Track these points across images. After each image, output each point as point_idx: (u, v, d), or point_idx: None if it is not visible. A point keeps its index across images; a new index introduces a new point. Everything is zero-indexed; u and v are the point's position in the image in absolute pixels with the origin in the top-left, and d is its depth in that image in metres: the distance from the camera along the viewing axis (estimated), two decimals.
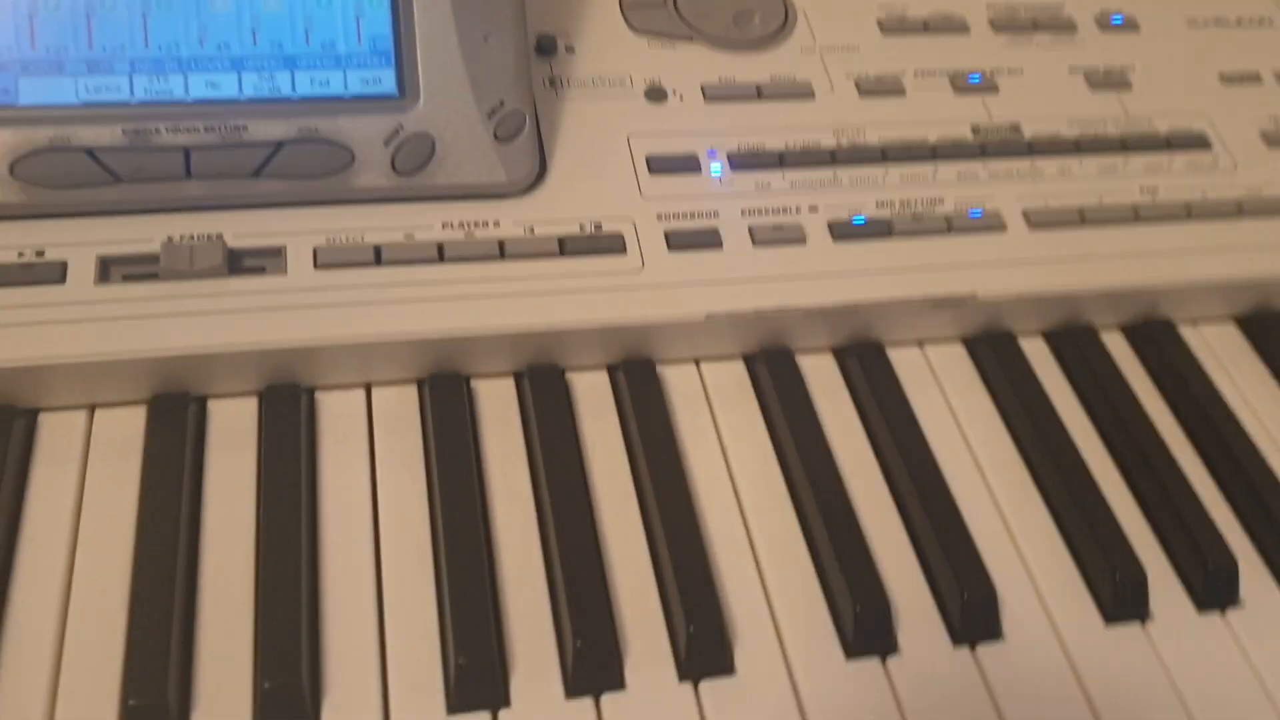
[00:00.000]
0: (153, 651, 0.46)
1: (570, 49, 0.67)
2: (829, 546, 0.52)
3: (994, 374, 0.61)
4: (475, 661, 0.47)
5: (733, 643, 0.50)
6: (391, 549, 0.51)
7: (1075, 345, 0.63)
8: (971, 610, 0.51)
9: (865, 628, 0.50)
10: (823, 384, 0.61)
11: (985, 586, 0.51)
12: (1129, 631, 0.52)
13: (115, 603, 0.48)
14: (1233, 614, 0.54)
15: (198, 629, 0.48)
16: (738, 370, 0.61)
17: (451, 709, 0.47)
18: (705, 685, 0.49)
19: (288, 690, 0.46)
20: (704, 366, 0.61)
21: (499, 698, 0.47)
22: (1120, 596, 0.52)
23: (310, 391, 0.57)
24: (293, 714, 0.46)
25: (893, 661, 0.50)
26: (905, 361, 0.62)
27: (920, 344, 0.63)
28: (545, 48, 0.66)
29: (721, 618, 0.49)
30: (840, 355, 0.62)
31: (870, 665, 0.50)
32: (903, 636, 0.51)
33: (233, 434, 0.55)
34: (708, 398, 0.59)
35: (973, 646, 0.51)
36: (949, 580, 0.52)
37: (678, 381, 0.60)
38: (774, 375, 0.59)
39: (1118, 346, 0.65)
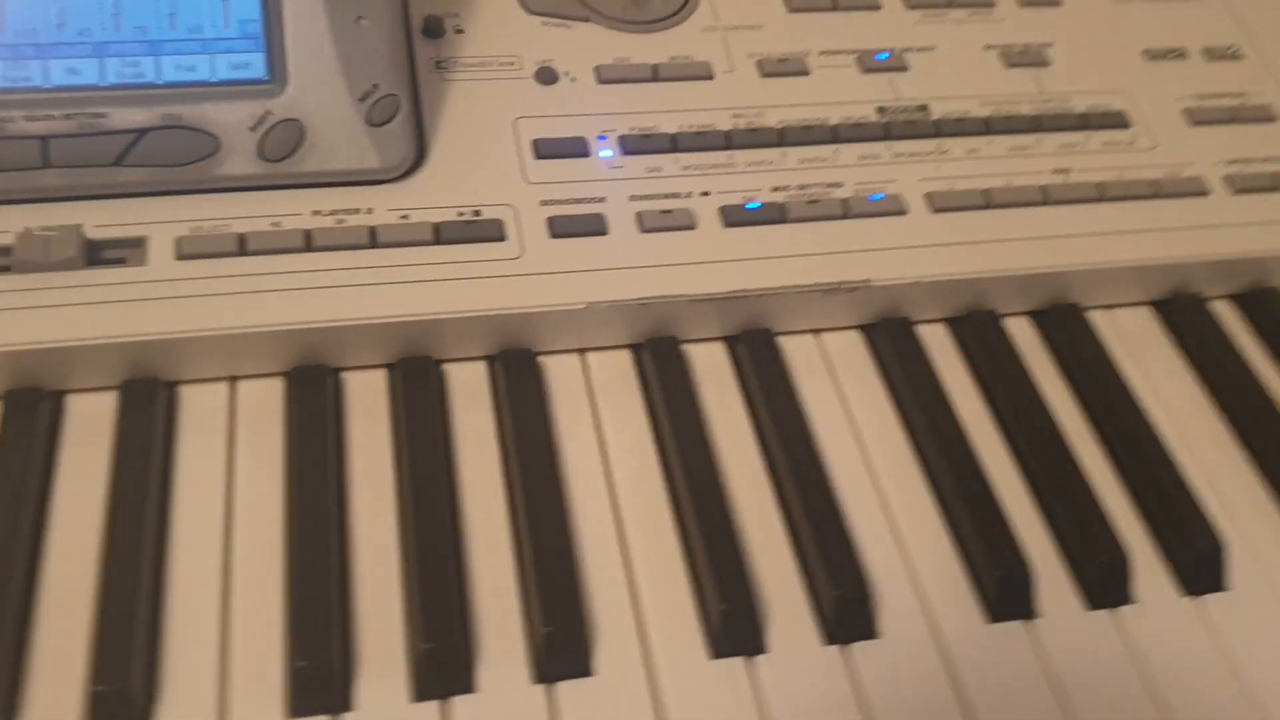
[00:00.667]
0: None
1: (460, 30, 0.65)
2: (701, 543, 0.51)
3: (889, 362, 0.60)
4: (316, 664, 0.45)
5: (594, 643, 0.48)
6: (243, 549, 0.50)
7: (977, 332, 0.62)
8: (843, 608, 0.49)
9: (731, 626, 0.48)
10: (711, 374, 0.59)
11: (860, 582, 0.50)
12: (1011, 629, 0.50)
13: None
14: (1126, 611, 0.52)
15: (34, 627, 0.46)
16: (623, 360, 0.59)
17: (291, 713, 0.45)
18: (562, 687, 0.47)
19: (119, 695, 0.44)
20: (589, 357, 0.59)
21: (340, 701, 0.46)
22: (1004, 594, 0.51)
23: (171, 386, 0.55)
24: (123, 718, 0.44)
25: (761, 660, 0.48)
26: (798, 350, 0.61)
27: (816, 332, 0.61)
28: (433, 29, 0.65)
29: (579, 616, 0.48)
30: (731, 344, 0.60)
31: (736, 665, 0.48)
32: (773, 635, 0.49)
33: (89, 430, 0.53)
34: (590, 389, 0.58)
35: (845, 644, 0.49)
36: (822, 577, 0.50)
37: (560, 372, 0.58)
38: (658, 365, 0.58)
39: (1023, 333, 0.63)
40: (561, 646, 0.47)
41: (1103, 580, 0.52)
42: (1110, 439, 0.58)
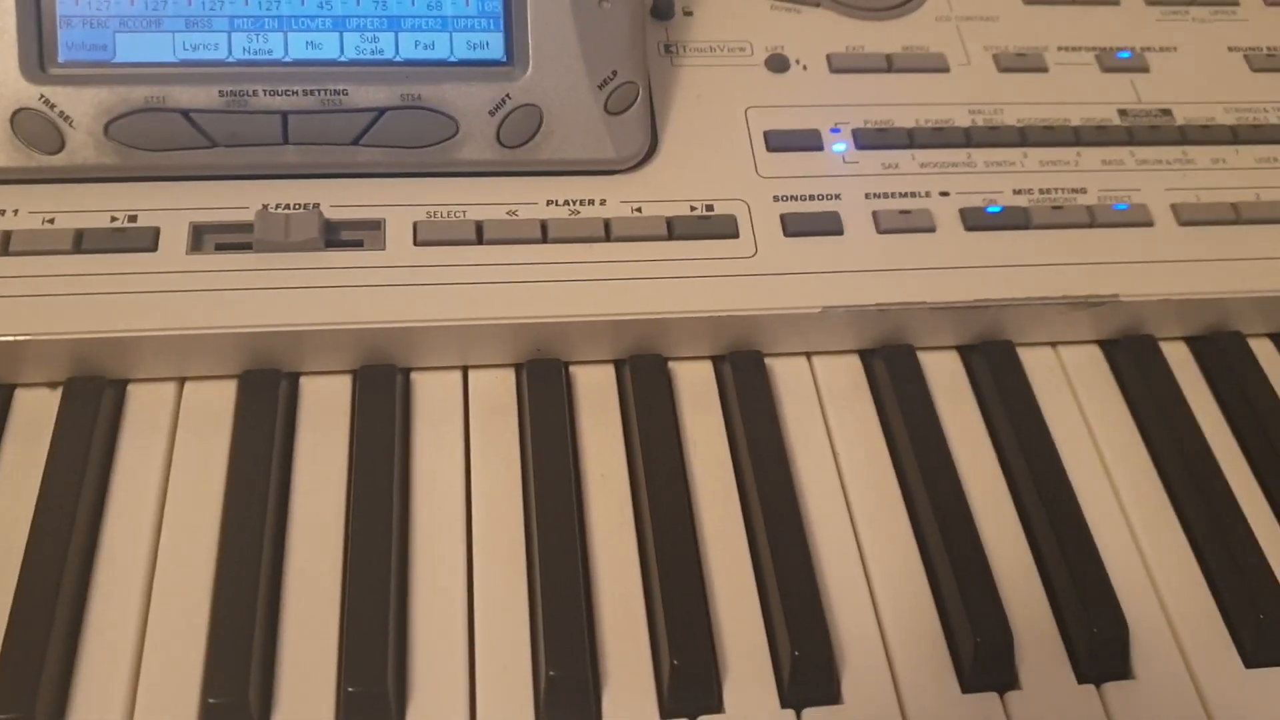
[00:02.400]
0: (235, 649, 0.44)
1: (688, 12, 0.64)
2: (949, 569, 0.49)
3: (1132, 381, 0.58)
4: (567, 675, 0.45)
5: (840, 670, 0.47)
6: (484, 544, 0.50)
7: (1221, 353, 0.59)
8: (1101, 646, 0.48)
9: (984, 661, 0.47)
10: (946, 385, 0.58)
11: (1117, 621, 0.48)
12: (1273, 676, 0.49)
13: (199, 590, 0.47)
14: None
15: (281, 624, 0.47)
16: (853, 366, 0.58)
17: None
18: (808, 713, 0.46)
19: (372, 696, 0.44)
20: (816, 361, 0.58)
21: (590, 714, 0.45)
22: (1263, 640, 0.49)
23: (406, 372, 0.55)
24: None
25: (1012, 697, 0.47)
26: (1036, 363, 0.59)
27: (1054, 345, 0.60)
28: (662, 11, 0.64)
29: (829, 644, 0.47)
30: (966, 354, 0.59)
31: (988, 700, 0.47)
32: (1024, 671, 0.48)
33: (325, 414, 0.54)
34: (819, 395, 0.57)
35: (1099, 684, 0.48)
36: (1078, 613, 0.49)
37: (787, 376, 0.57)
38: (893, 374, 0.57)
39: (1267, 355, 0.60)
40: (811, 673, 0.47)
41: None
42: None
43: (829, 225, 0.57)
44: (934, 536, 0.51)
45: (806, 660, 0.46)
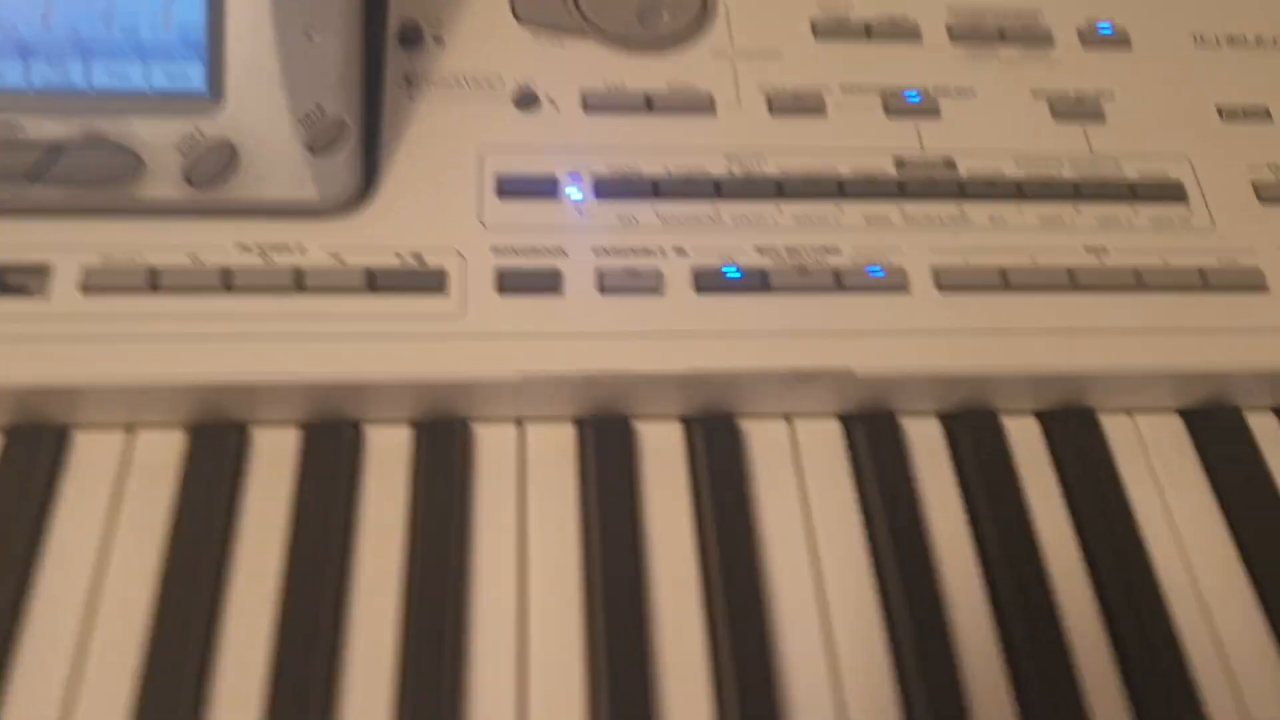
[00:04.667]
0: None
1: (439, 40, 0.60)
2: (606, 658, 0.46)
3: (865, 460, 0.54)
4: None
5: None
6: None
7: (974, 432, 0.55)
8: None
9: None
10: (659, 457, 0.54)
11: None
12: None
13: None
14: None
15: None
16: (565, 435, 0.54)
17: None
18: None
19: None
20: (529, 428, 0.54)
21: None
22: None
23: (61, 430, 0.52)
24: None
25: None
26: (763, 437, 0.55)
27: (788, 418, 0.56)
28: (410, 38, 0.60)
29: None
30: (688, 426, 0.55)
31: None
32: None
33: None
34: (525, 466, 0.53)
35: None
36: None
37: (492, 444, 0.54)
38: (600, 446, 0.53)
39: (1027, 436, 0.56)
40: None
41: None
42: (1104, 574, 0.52)
43: (547, 283, 0.54)
44: (601, 621, 0.47)
45: None
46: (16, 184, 0.52)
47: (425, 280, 0.54)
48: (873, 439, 0.55)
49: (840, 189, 0.59)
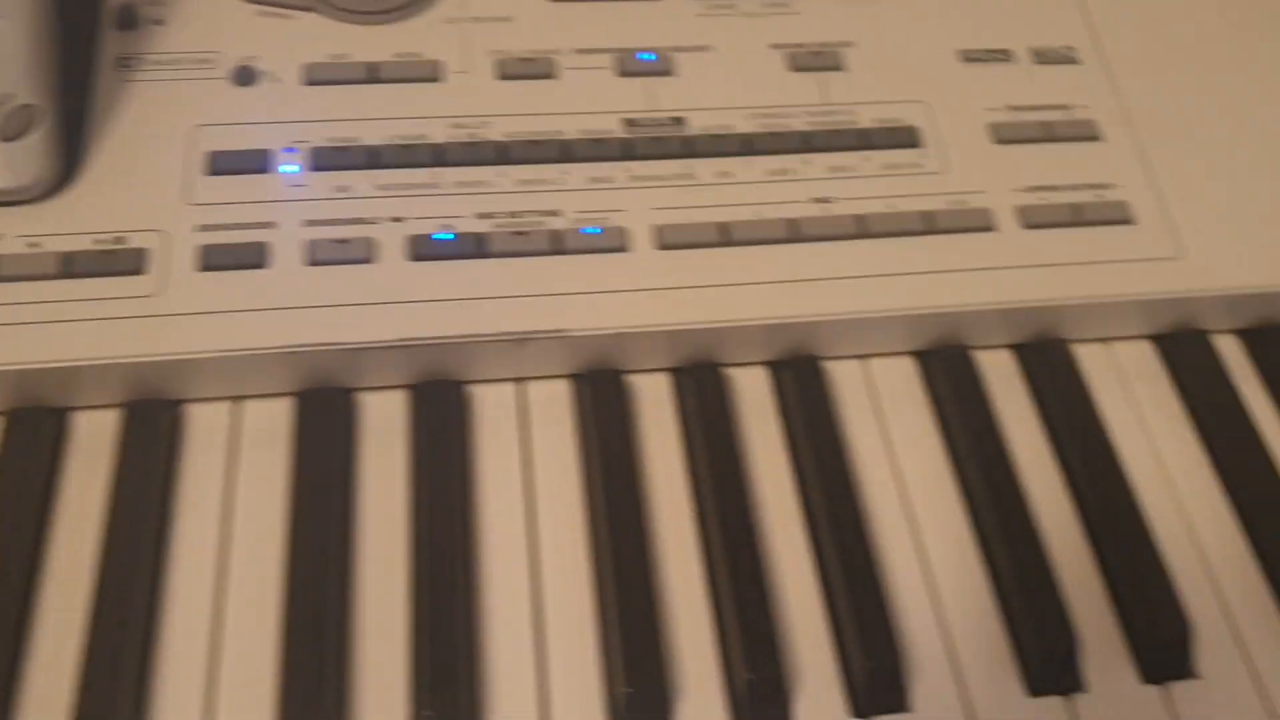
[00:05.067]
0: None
1: (159, 21, 0.60)
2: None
3: (588, 416, 0.54)
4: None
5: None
6: None
7: (699, 387, 0.55)
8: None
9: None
10: (383, 427, 0.54)
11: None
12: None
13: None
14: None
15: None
16: (280, 409, 0.54)
17: None
18: None
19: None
20: (247, 405, 0.54)
21: None
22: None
23: None
24: None
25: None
26: (491, 401, 0.55)
27: (517, 381, 0.56)
28: (126, 20, 0.59)
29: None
30: (415, 392, 0.55)
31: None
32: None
33: None
34: (239, 440, 0.53)
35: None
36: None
37: (203, 421, 0.53)
38: (313, 418, 0.53)
39: (754, 385, 0.57)
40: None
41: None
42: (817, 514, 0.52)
43: (251, 258, 0.54)
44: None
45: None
46: None
47: (123, 261, 0.53)
48: (597, 397, 0.55)
49: (565, 151, 0.59)
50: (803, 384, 0.56)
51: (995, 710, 0.48)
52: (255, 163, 0.56)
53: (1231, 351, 0.60)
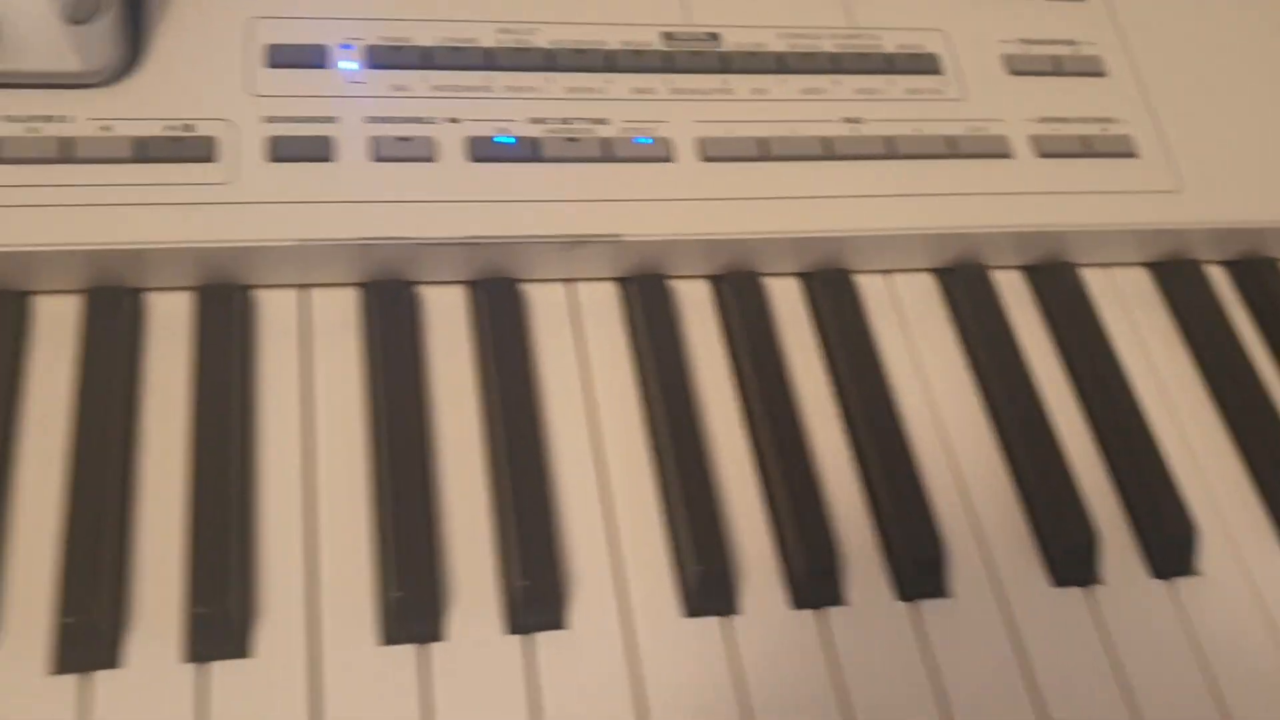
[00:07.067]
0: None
1: None
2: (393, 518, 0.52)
3: (639, 318, 0.60)
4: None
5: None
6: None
7: (738, 294, 0.62)
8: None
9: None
10: (445, 320, 0.59)
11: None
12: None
13: None
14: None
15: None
16: (348, 299, 0.59)
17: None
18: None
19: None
20: (315, 294, 0.59)
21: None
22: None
23: None
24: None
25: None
26: (544, 300, 0.61)
27: (567, 281, 0.61)
28: None
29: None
30: (473, 288, 0.60)
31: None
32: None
33: None
34: (311, 330, 0.58)
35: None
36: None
37: (274, 309, 0.58)
38: (384, 310, 0.58)
39: (787, 295, 0.63)
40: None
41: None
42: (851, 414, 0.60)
43: (318, 151, 0.58)
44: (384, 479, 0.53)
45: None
46: None
47: (194, 148, 0.57)
48: (645, 300, 0.61)
49: (609, 61, 0.64)
50: (835, 294, 0.63)
51: (1023, 599, 0.55)
52: (314, 58, 0.61)
53: (1221, 280, 0.68)
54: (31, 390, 0.54)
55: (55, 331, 0.56)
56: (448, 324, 0.59)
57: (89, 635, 0.48)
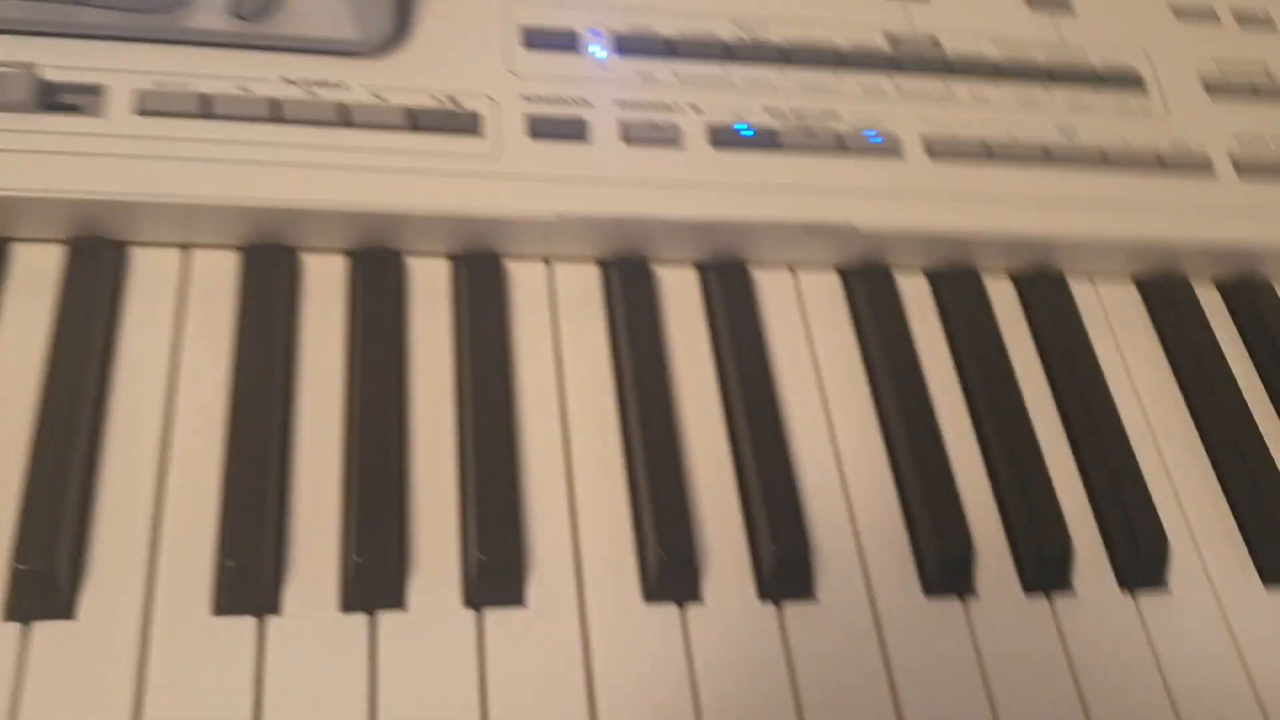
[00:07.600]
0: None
1: None
2: (646, 481, 0.54)
3: (863, 309, 0.63)
4: (245, 564, 0.49)
5: (528, 573, 0.53)
6: (184, 427, 0.53)
7: (956, 289, 0.65)
8: (784, 567, 0.54)
9: (668, 574, 0.53)
10: (678, 300, 0.62)
11: (801, 543, 0.54)
12: (947, 606, 0.56)
13: None
14: (1062, 600, 0.58)
15: None
16: (590, 275, 0.62)
17: (217, 610, 0.49)
18: (492, 614, 0.51)
19: (44, 575, 0.48)
20: (556, 266, 0.62)
21: (268, 603, 0.50)
22: (945, 571, 0.56)
23: (121, 246, 0.58)
24: (47, 597, 0.48)
25: (694, 611, 0.53)
26: (772, 286, 0.64)
27: (792, 268, 0.65)
28: None
29: (517, 546, 0.52)
30: (703, 271, 0.63)
31: (670, 612, 0.53)
32: (708, 587, 0.54)
33: (33, 281, 0.56)
34: (553, 300, 0.61)
35: (779, 603, 0.54)
36: (765, 533, 0.55)
37: (524, 279, 0.61)
38: (625, 286, 0.61)
39: (1002, 294, 0.66)
40: (495, 575, 0.52)
41: (1042, 569, 0.57)
42: (1073, 418, 0.63)
43: (575, 131, 0.62)
44: (640, 452, 0.56)
45: (492, 564, 0.52)
46: (67, 5, 0.58)
47: (461, 121, 0.61)
48: (871, 291, 0.64)
49: (839, 59, 0.68)
50: (1049, 298, 0.66)
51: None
52: (566, 42, 0.64)
53: None
54: (305, 348, 0.57)
55: (325, 289, 0.59)
56: (682, 302, 0.62)
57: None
